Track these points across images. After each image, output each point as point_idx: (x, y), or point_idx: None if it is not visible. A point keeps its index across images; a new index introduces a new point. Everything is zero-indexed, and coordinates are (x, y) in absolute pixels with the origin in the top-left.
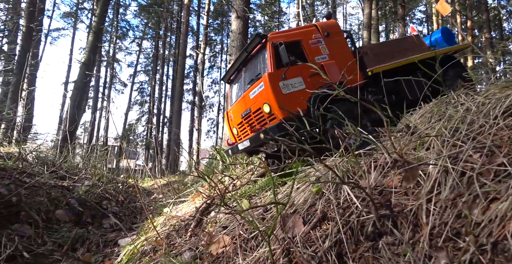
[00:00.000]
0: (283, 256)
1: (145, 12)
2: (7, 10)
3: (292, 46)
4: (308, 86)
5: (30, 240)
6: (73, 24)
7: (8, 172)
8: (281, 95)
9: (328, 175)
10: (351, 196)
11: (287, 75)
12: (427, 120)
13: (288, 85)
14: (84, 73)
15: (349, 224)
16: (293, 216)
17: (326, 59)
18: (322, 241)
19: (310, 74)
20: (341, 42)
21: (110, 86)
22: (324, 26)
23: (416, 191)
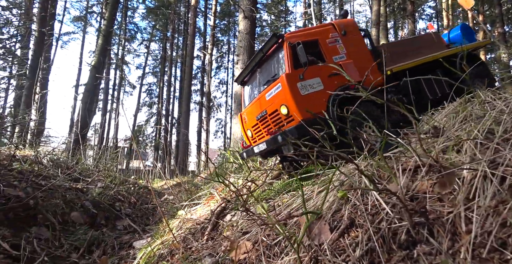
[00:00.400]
0: (312, 263)
1: (152, 14)
2: (20, 15)
3: (309, 46)
4: (327, 87)
5: (47, 242)
6: (82, 28)
7: (25, 175)
8: (300, 96)
9: (353, 179)
10: (380, 201)
11: (305, 76)
12: (452, 120)
13: (306, 86)
14: (94, 76)
15: (380, 232)
16: (318, 222)
17: (344, 59)
18: (352, 249)
19: (329, 74)
20: (359, 41)
21: (120, 88)
22: (341, 24)
23: (451, 197)
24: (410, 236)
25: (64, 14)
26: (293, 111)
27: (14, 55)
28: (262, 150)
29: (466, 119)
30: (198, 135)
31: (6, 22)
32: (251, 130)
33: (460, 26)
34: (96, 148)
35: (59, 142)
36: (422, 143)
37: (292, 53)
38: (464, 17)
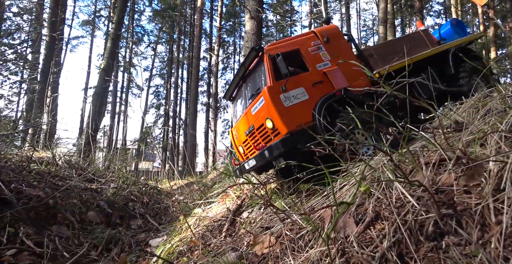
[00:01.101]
0: (339, 256)
1: (159, 16)
2: (30, 21)
3: (291, 56)
4: (312, 96)
5: (68, 240)
6: (91, 32)
7: (43, 176)
8: (283, 108)
9: (374, 174)
10: (405, 194)
11: (288, 87)
12: (473, 115)
13: (289, 97)
14: (104, 78)
15: (407, 224)
16: (343, 215)
17: (328, 66)
18: (379, 241)
19: (313, 83)
20: (343, 46)
21: (127, 90)
22: (322, 32)
23: (478, 189)
24: (438, 227)
25: (73, 19)
26: (278, 124)
27: (25, 60)
28: (252, 166)
29: (487, 114)
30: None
31: (18, 27)
32: (242, 146)
33: (450, 21)
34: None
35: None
36: (446, 138)
37: (273, 65)
38: (473, 12)
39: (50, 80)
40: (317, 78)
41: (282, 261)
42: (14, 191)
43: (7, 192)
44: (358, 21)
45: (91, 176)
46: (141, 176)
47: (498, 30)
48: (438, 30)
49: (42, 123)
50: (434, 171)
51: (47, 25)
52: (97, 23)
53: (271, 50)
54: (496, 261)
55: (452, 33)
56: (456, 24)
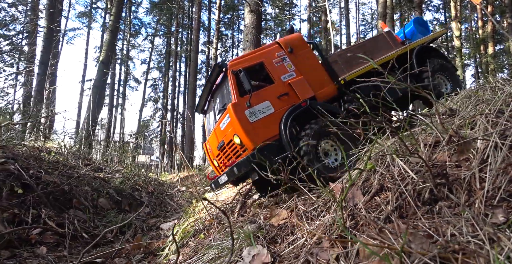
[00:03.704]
0: (349, 219)
1: (157, 9)
2: (25, 12)
3: (255, 70)
4: (278, 109)
5: (85, 223)
6: (87, 24)
7: (54, 164)
8: (249, 125)
9: (377, 156)
10: (406, 169)
11: (253, 102)
12: (466, 104)
13: (255, 112)
14: (103, 71)
15: (407, 193)
16: (351, 188)
17: (293, 77)
18: (384, 206)
19: (278, 96)
20: (308, 55)
21: (125, 83)
22: (286, 42)
23: (467, 163)
24: (433, 194)
25: (69, 10)
26: (244, 141)
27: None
28: (225, 181)
29: (478, 102)
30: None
31: (13, 18)
32: (216, 160)
33: (412, 21)
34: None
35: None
36: (441, 122)
37: (236, 81)
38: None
39: (48, 72)
40: (283, 90)
41: (298, 228)
42: (33, 177)
43: (27, 177)
44: (357, 15)
45: (98, 166)
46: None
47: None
48: (403, 30)
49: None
50: (431, 150)
51: (45, 16)
52: (93, 15)
53: (234, 65)
54: (478, 216)
55: (415, 33)
56: (420, 23)
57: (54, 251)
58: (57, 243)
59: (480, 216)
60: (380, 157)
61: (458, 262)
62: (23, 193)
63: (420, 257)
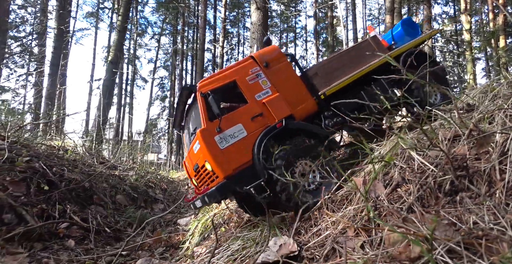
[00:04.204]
0: (373, 210)
1: (163, 8)
2: (35, 13)
3: (227, 90)
4: (251, 132)
5: (106, 218)
6: (95, 24)
7: (73, 163)
8: (219, 152)
9: (396, 151)
10: (425, 163)
11: (224, 126)
12: (481, 99)
13: (226, 138)
14: (112, 71)
15: (427, 184)
16: (369, 183)
17: (268, 94)
18: (406, 197)
19: (251, 117)
20: (285, 69)
21: (133, 82)
22: (261, 56)
23: (486, 156)
24: (453, 186)
25: (77, 11)
26: (214, 169)
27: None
28: (200, 206)
29: (495, 98)
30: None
31: (23, 20)
32: (195, 179)
33: (400, 23)
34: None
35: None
36: (460, 118)
37: (206, 104)
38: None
39: (59, 73)
40: (257, 110)
41: (322, 219)
42: (56, 174)
43: (51, 175)
44: (364, 10)
45: (113, 164)
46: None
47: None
48: (391, 32)
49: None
50: (450, 144)
51: (55, 17)
52: (100, 15)
53: (203, 87)
54: (499, 205)
55: (404, 35)
56: (409, 24)
57: (81, 244)
58: (83, 236)
59: (501, 205)
60: (400, 152)
61: (482, 247)
62: (48, 189)
63: (445, 243)
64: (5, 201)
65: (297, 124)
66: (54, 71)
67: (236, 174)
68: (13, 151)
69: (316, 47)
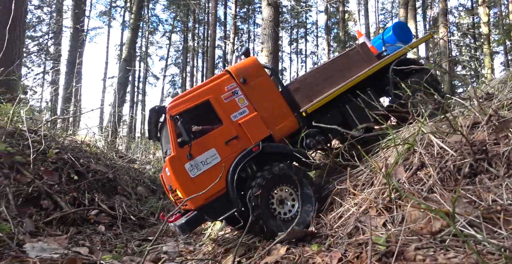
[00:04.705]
0: (394, 192)
1: (174, 5)
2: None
3: (200, 110)
4: (225, 157)
5: (130, 208)
6: (108, 23)
7: (95, 156)
8: (189, 181)
9: (412, 138)
10: (445, 148)
11: (195, 152)
12: (500, 88)
13: (197, 165)
14: (125, 68)
15: (447, 168)
16: (393, 166)
17: (245, 114)
18: (426, 179)
19: (226, 141)
20: (264, 84)
21: (145, 80)
22: (238, 71)
23: (505, 141)
24: (472, 169)
25: (91, 10)
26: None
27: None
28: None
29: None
30: None
31: (39, 20)
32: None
33: (392, 27)
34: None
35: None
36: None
37: (175, 129)
38: None
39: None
40: (232, 133)
41: (345, 201)
42: (83, 165)
43: (79, 165)
44: (376, 4)
45: (132, 158)
46: None
47: None
48: (382, 36)
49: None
50: (469, 131)
51: (71, 16)
52: (113, 14)
53: (173, 108)
54: None
55: (395, 40)
56: (400, 28)
57: (110, 230)
58: (111, 223)
59: None
60: (420, 138)
61: (500, 220)
62: (78, 179)
63: (465, 217)
64: (42, 189)
65: (274, 147)
66: (71, 69)
67: (208, 204)
68: (46, 144)
69: (327, 43)
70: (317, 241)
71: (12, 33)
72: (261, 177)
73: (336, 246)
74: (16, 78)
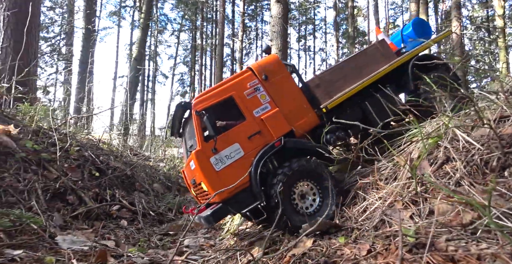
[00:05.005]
0: (419, 186)
1: (182, 4)
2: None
3: (225, 105)
4: (248, 152)
5: (148, 203)
6: (117, 23)
7: (112, 153)
8: (214, 174)
9: (435, 132)
10: (471, 141)
11: (220, 146)
12: None
13: (222, 159)
14: (136, 67)
15: (473, 162)
16: (420, 160)
17: (267, 110)
18: (453, 173)
19: (249, 135)
20: (285, 81)
21: (154, 79)
22: (260, 67)
23: None
24: (500, 163)
25: (101, 10)
26: (210, 191)
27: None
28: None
29: None
30: None
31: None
32: (194, 190)
33: (411, 23)
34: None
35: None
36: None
37: (201, 124)
38: None
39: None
40: (255, 128)
41: (369, 195)
42: (103, 162)
43: (99, 162)
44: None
45: (146, 155)
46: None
47: None
48: (401, 32)
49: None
50: (495, 125)
51: (83, 17)
52: (122, 14)
53: (198, 104)
54: None
55: (415, 37)
56: (420, 24)
57: (132, 225)
58: (132, 218)
59: None
60: (444, 132)
61: None
62: (99, 175)
63: (498, 209)
64: (67, 185)
65: (295, 143)
66: (83, 69)
67: (232, 197)
68: (68, 142)
69: (336, 39)
70: (343, 233)
71: (29, 34)
72: (282, 174)
73: (363, 238)
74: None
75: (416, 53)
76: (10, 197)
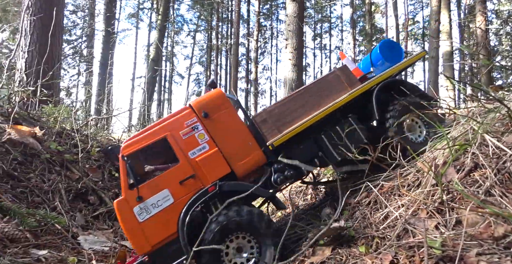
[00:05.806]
0: (446, 194)
1: (198, 4)
2: (83, 17)
3: (156, 147)
4: (178, 198)
5: None
6: (135, 24)
7: None
8: (136, 226)
9: (464, 136)
10: (502, 147)
11: (145, 194)
12: None
13: (147, 208)
14: (153, 68)
15: (505, 169)
16: (446, 167)
17: (205, 150)
18: (482, 181)
19: (181, 180)
20: (228, 117)
21: (171, 79)
22: (199, 104)
23: None
24: None
25: (120, 12)
26: (132, 245)
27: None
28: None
29: None
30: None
31: (74, 24)
32: None
33: (378, 46)
34: None
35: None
36: None
37: (125, 171)
38: None
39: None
40: (189, 171)
41: (390, 202)
42: None
43: None
44: None
45: None
46: None
47: None
48: (369, 57)
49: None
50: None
51: (103, 20)
52: (140, 16)
53: (126, 148)
54: None
55: (382, 61)
56: (388, 47)
57: None
58: None
59: None
60: (471, 137)
61: None
62: (118, 176)
63: None
64: (89, 185)
65: (233, 186)
66: (104, 70)
67: (155, 251)
68: (89, 143)
69: (353, 37)
70: (363, 242)
71: (53, 38)
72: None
73: (385, 248)
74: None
75: (380, 79)
76: (36, 197)
